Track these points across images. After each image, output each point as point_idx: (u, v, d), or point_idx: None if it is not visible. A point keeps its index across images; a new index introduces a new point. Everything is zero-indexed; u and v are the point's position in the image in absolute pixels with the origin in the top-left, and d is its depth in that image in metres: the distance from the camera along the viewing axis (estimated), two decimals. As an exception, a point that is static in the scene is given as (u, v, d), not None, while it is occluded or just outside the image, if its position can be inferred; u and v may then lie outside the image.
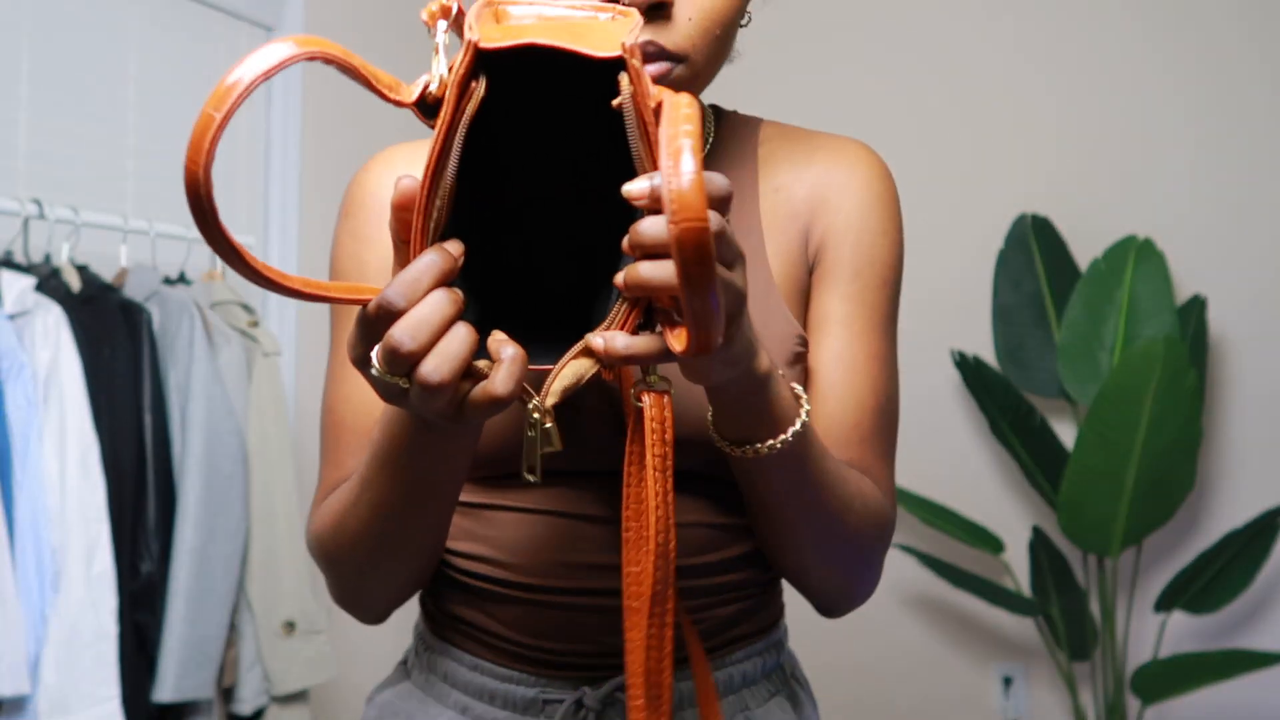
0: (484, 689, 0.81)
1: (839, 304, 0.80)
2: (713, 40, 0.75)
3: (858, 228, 0.81)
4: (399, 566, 0.77)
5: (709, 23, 0.74)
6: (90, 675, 1.60)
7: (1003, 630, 2.72)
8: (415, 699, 0.85)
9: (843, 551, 0.78)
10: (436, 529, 0.76)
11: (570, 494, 0.78)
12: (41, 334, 1.64)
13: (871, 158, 0.85)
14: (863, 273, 0.81)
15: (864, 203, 0.82)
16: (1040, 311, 2.51)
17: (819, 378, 0.79)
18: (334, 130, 2.61)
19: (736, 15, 0.77)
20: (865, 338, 0.80)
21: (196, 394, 1.81)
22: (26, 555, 1.58)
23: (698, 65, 0.74)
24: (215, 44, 2.35)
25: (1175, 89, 2.57)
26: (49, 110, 2.01)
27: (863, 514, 0.76)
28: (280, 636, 1.93)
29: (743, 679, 0.83)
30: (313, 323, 2.51)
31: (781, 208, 0.82)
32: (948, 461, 2.78)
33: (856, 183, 0.82)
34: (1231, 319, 2.48)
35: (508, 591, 0.79)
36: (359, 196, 0.87)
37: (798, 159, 0.84)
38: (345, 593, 0.81)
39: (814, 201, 0.82)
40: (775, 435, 0.67)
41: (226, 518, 1.83)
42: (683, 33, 0.73)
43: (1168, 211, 2.54)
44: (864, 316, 0.80)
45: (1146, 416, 2.12)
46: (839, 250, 0.81)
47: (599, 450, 0.74)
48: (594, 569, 0.77)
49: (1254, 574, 2.29)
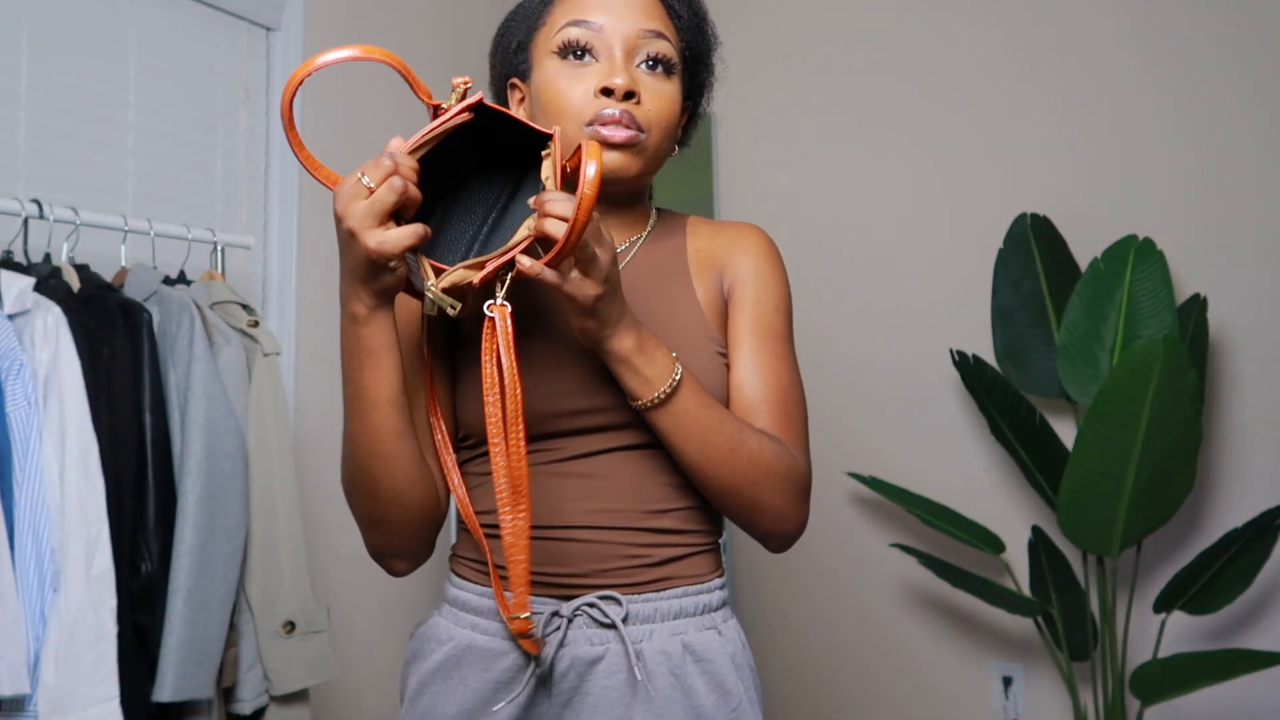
0: (485, 608, 1.12)
1: (746, 324, 1.15)
2: (664, 129, 1.11)
3: (754, 277, 1.17)
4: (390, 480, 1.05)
5: (660, 114, 1.11)
6: (90, 675, 1.60)
7: (1003, 630, 2.72)
8: (441, 626, 1.16)
9: (745, 481, 1.06)
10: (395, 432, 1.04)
11: (552, 460, 1.10)
12: (41, 334, 1.64)
13: (760, 233, 1.21)
14: (761, 301, 1.16)
15: (756, 260, 1.18)
16: (1040, 311, 2.51)
17: (738, 374, 1.13)
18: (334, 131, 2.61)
19: (676, 122, 1.14)
20: (767, 345, 1.14)
21: (196, 394, 1.81)
22: (26, 555, 1.58)
23: (654, 138, 1.11)
24: (215, 44, 2.35)
25: (1175, 89, 2.57)
26: (49, 110, 2.01)
27: (757, 451, 1.06)
28: (280, 636, 1.93)
29: (679, 610, 1.11)
30: (313, 323, 2.51)
31: (703, 261, 1.19)
32: (948, 461, 2.78)
33: (751, 248, 1.19)
34: (1231, 319, 2.48)
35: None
36: None
37: (712, 232, 1.21)
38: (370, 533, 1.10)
39: (723, 259, 1.18)
40: (655, 391, 1.02)
41: (226, 518, 1.83)
42: (645, 114, 1.09)
43: (1168, 211, 2.54)
44: (764, 330, 1.15)
45: (1146, 416, 2.12)
46: (743, 291, 1.16)
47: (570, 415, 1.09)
48: (572, 512, 1.09)
49: (1254, 574, 2.29)
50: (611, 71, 1.08)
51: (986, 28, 2.80)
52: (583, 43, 1.09)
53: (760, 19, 3.10)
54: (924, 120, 2.86)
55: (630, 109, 1.07)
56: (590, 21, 1.09)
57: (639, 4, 1.11)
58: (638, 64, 1.10)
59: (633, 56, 1.10)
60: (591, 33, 1.09)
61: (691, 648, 1.11)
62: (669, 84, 1.12)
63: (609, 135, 1.07)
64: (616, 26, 1.09)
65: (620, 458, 1.10)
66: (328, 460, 2.56)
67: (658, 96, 1.10)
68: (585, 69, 1.09)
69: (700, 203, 3.05)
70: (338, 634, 2.31)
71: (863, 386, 2.88)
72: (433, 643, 1.16)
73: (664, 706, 1.08)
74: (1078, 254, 2.56)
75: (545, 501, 1.09)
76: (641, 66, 1.10)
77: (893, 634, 2.84)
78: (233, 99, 2.38)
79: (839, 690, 2.91)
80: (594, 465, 1.10)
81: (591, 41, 1.09)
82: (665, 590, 1.11)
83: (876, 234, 2.89)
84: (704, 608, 1.13)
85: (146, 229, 1.96)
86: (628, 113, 1.07)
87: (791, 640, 2.96)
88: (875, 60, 2.93)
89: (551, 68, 1.10)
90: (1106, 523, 2.25)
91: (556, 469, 1.10)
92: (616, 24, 1.09)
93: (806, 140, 3.02)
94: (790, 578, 2.94)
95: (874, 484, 2.67)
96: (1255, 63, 2.50)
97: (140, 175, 2.17)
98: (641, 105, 1.08)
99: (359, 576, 2.57)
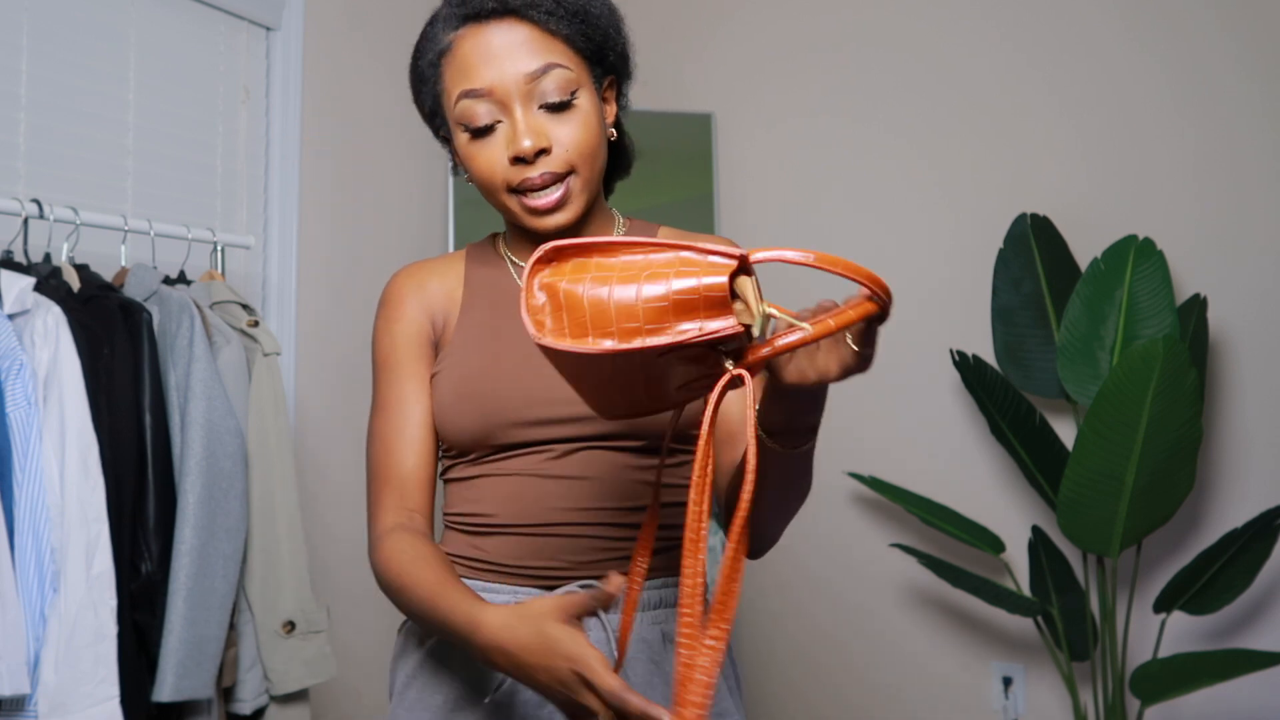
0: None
1: None
2: (587, 157, 1.12)
3: None
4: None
5: (579, 147, 1.11)
6: (90, 675, 1.60)
7: (1003, 630, 2.72)
8: None
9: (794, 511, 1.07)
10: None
11: (533, 462, 1.14)
12: (41, 334, 1.64)
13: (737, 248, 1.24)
14: None
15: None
16: (1040, 311, 2.51)
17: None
18: (334, 131, 2.61)
19: (600, 136, 1.13)
20: None
21: (196, 394, 1.81)
22: (26, 555, 1.58)
23: (583, 173, 1.12)
24: (215, 44, 2.35)
25: (1175, 89, 2.57)
26: (49, 110, 2.01)
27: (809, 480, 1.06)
28: (280, 636, 1.93)
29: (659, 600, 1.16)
30: (313, 323, 2.51)
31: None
32: (948, 461, 2.78)
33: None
34: (1231, 319, 2.48)
35: (494, 530, 1.16)
36: (392, 296, 1.24)
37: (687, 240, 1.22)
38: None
39: None
40: (811, 440, 0.96)
41: (226, 518, 1.83)
42: (564, 157, 1.10)
43: (1168, 211, 2.54)
44: None
45: (1146, 416, 2.12)
46: None
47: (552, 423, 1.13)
48: (554, 510, 1.13)
49: (1254, 574, 2.29)
50: (515, 136, 1.09)
51: (986, 28, 2.80)
52: (480, 116, 1.10)
53: (760, 19, 3.10)
54: (924, 120, 2.86)
55: (546, 166, 1.09)
56: (478, 89, 1.10)
57: (516, 44, 1.10)
58: (539, 107, 1.10)
59: (531, 100, 1.10)
60: (484, 100, 1.10)
61: (671, 637, 1.14)
62: (575, 111, 1.11)
63: (537, 205, 1.10)
64: (503, 80, 1.09)
65: (599, 456, 1.13)
66: (328, 460, 2.56)
67: (568, 133, 1.10)
68: (493, 136, 1.11)
69: (700, 203, 3.05)
70: (338, 634, 2.31)
71: (863, 386, 2.87)
72: (418, 637, 1.19)
73: (644, 693, 1.10)
74: (1078, 254, 2.55)
75: (529, 503, 1.13)
76: (543, 109, 1.10)
77: (893, 634, 2.84)
78: (233, 99, 2.38)
79: (839, 690, 2.91)
80: (575, 465, 1.13)
81: (487, 110, 1.10)
82: (645, 580, 1.12)
83: (876, 234, 2.89)
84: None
85: (146, 229, 1.96)
86: (547, 173, 1.09)
87: (791, 640, 2.96)
88: (875, 60, 2.93)
89: (463, 142, 1.13)
90: (1106, 523, 2.25)
91: (540, 469, 1.14)
92: (503, 78, 1.09)
93: (806, 140, 3.02)
94: (790, 578, 2.94)
95: (874, 484, 2.67)
96: (1255, 63, 2.50)
97: (140, 175, 2.17)
98: (554, 154, 1.09)
99: (359, 576, 2.57)
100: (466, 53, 1.11)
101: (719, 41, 3.08)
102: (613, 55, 1.18)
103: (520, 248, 1.22)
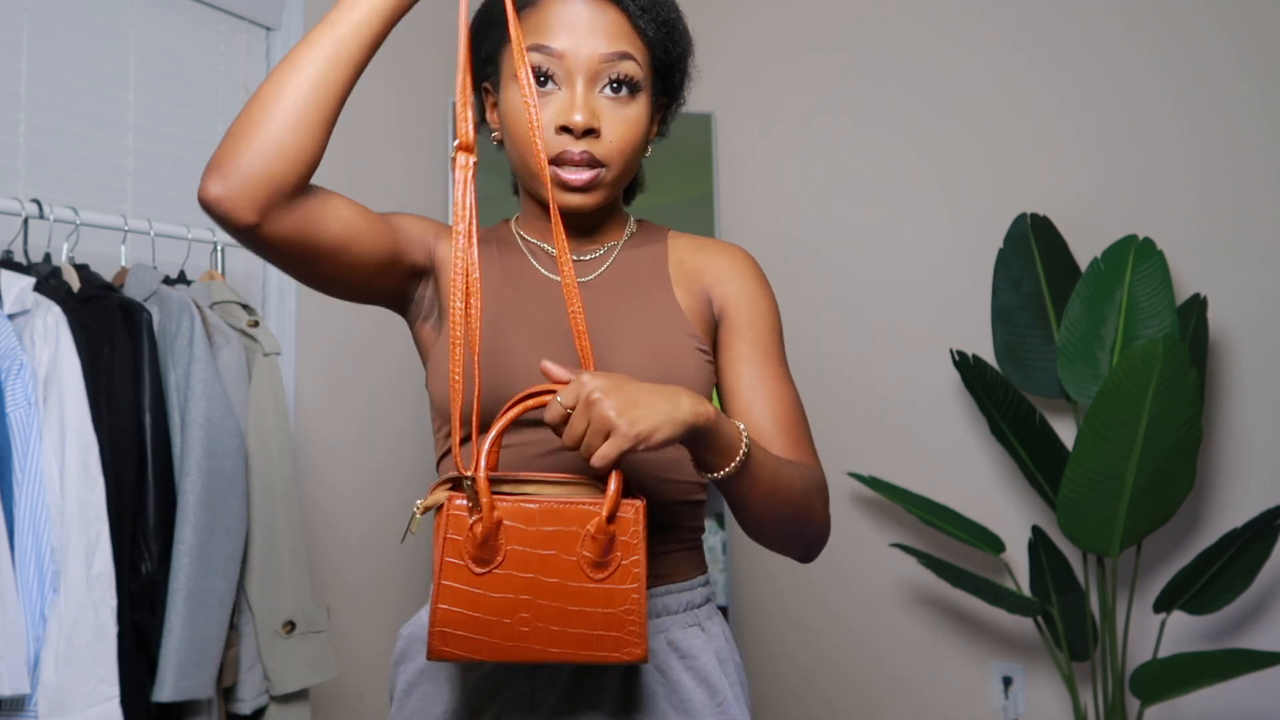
0: None
1: (744, 348, 1.18)
2: (626, 156, 1.12)
3: (747, 301, 1.19)
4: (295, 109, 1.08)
5: (623, 143, 1.11)
6: (90, 675, 1.60)
7: (1003, 630, 2.73)
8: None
9: (798, 514, 1.09)
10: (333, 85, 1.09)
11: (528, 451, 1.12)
12: (41, 334, 1.64)
13: (746, 255, 1.24)
14: (755, 324, 1.19)
15: (747, 283, 1.21)
16: (1040, 311, 2.51)
17: (743, 401, 1.16)
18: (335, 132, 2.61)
19: (642, 142, 1.15)
20: (767, 368, 1.17)
21: (196, 394, 1.81)
22: (26, 555, 1.58)
23: (614, 171, 1.12)
24: (215, 44, 2.35)
25: (1175, 90, 2.57)
26: (49, 110, 2.01)
27: (803, 483, 1.09)
28: (280, 636, 1.93)
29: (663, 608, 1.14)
30: (313, 323, 2.51)
31: (686, 272, 1.21)
32: (948, 461, 2.78)
33: (740, 270, 1.21)
34: (1231, 319, 2.48)
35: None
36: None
37: (694, 247, 1.24)
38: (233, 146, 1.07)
39: (709, 277, 1.21)
40: (730, 463, 1.00)
41: (226, 518, 1.83)
42: (606, 148, 1.10)
43: (1168, 211, 2.54)
44: (762, 354, 1.17)
45: (1146, 416, 2.12)
46: (736, 315, 1.19)
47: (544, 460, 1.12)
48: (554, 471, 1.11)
49: (1254, 574, 2.29)
50: (571, 107, 1.08)
51: (986, 28, 2.80)
52: (544, 69, 1.09)
53: (760, 19, 3.10)
54: (924, 120, 2.86)
55: (589, 146, 1.09)
56: (552, 47, 1.09)
57: (603, 25, 1.10)
58: (600, 89, 1.10)
59: (596, 81, 1.10)
60: (553, 59, 1.09)
61: (676, 645, 1.13)
62: (632, 106, 1.12)
63: (568, 179, 1.09)
64: (579, 52, 1.09)
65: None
66: (328, 460, 2.56)
67: (620, 124, 1.11)
68: (547, 96, 1.10)
69: (700, 203, 3.05)
70: (338, 634, 2.31)
71: (863, 386, 2.88)
72: (420, 643, 1.17)
73: (650, 702, 1.10)
74: (1078, 254, 2.55)
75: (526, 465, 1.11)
76: (605, 90, 1.10)
77: (893, 634, 2.84)
78: (233, 99, 2.38)
79: (839, 690, 2.91)
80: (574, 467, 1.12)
81: (553, 68, 1.09)
82: (650, 589, 1.12)
83: (877, 234, 2.89)
84: (687, 605, 1.15)
85: (146, 229, 1.96)
86: (587, 152, 1.09)
87: (791, 640, 2.96)
88: (875, 60, 2.93)
89: (516, 93, 1.10)
90: (1106, 523, 2.25)
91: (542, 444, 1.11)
92: (579, 49, 1.09)
93: (806, 140, 3.02)
94: (790, 578, 2.94)
95: (874, 484, 2.67)
96: (1255, 63, 2.50)
97: (140, 175, 2.17)
98: (602, 139, 1.09)
99: (359, 577, 2.57)
100: (555, 11, 1.10)
101: (719, 42, 3.08)
102: (678, 77, 1.20)
103: (534, 228, 1.20)
